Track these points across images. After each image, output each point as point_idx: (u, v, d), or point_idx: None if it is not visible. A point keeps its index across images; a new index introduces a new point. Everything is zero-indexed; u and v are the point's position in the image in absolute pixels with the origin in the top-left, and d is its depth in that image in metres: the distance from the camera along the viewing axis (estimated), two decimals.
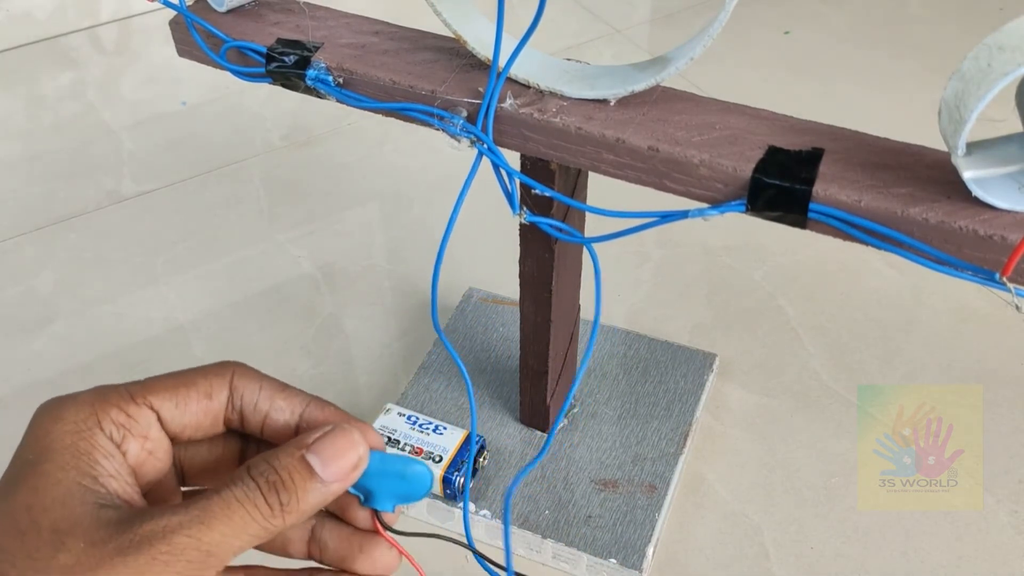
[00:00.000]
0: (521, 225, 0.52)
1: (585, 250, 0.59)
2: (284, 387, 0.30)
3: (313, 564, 0.33)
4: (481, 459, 0.62)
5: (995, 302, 0.77)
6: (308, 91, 0.49)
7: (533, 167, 0.48)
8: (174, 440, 0.30)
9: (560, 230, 0.49)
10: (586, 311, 0.66)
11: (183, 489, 0.32)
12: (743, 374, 0.72)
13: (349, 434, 0.28)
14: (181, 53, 0.53)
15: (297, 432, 0.30)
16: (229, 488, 0.27)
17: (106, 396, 0.28)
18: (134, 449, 0.28)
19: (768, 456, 0.67)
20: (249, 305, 0.79)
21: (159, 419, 0.29)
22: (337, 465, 0.28)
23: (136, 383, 0.29)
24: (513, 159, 0.47)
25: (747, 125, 0.43)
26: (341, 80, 0.48)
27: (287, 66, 0.48)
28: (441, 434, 0.62)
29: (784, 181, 0.39)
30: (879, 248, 0.38)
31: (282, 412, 0.30)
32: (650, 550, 0.59)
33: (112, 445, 0.28)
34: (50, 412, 0.29)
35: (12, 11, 1.10)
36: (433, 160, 0.94)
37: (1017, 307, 0.36)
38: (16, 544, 0.25)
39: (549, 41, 1.09)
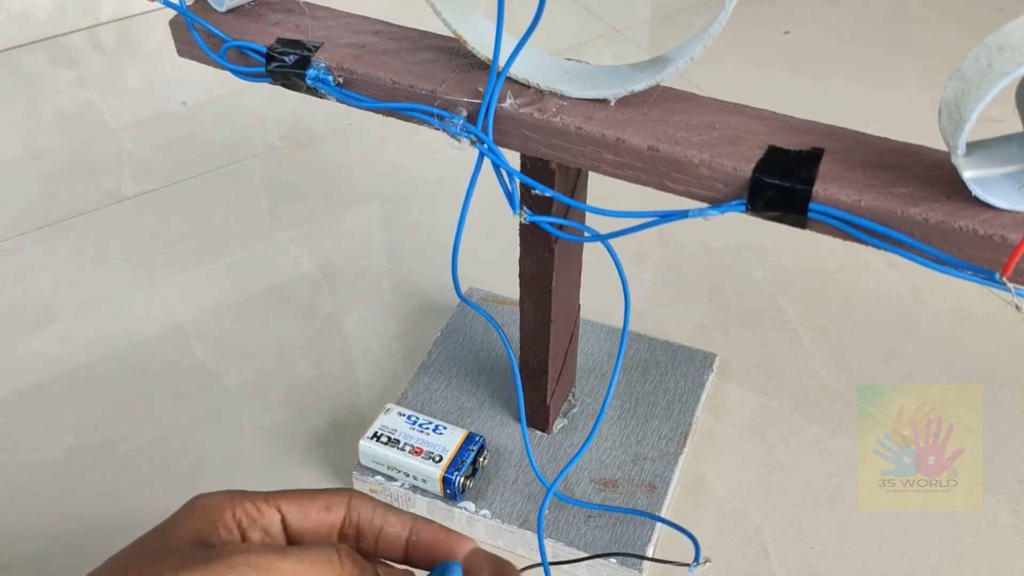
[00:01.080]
0: (521, 225, 0.52)
1: (585, 250, 0.60)
2: (395, 508, 0.34)
3: None
4: (481, 459, 0.62)
5: (995, 302, 0.77)
6: (308, 91, 0.49)
7: (533, 167, 0.48)
8: (290, 542, 0.33)
9: (560, 227, 0.49)
10: (586, 311, 0.66)
11: None
12: (743, 374, 0.72)
13: None
14: (181, 53, 0.53)
15: (407, 546, 0.34)
16: (321, 545, 0.31)
17: (243, 493, 0.33)
18: (255, 537, 0.32)
19: (768, 456, 0.67)
20: (249, 305, 0.80)
21: (283, 520, 0.33)
22: None
23: (269, 492, 0.33)
24: (513, 159, 0.47)
25: (747, 125, 0.43)
26: (341, 80, 0.48)
27: (287, 66, 0.48)
28: (441, 434, 0.62)
29: (784, 181, 0.39)
30: (879, 248, 0.38)
31: (394, 527, 0.34)
32: (650, 550, 0.59)
33: (236, 528, 0.32)
34: (196, 496, 0.33)
35: (12, 11, 1.10)
36: (433, 160, 0.94)
37: (1017, 307, 0.36)
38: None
39: (549, 41, 1.09)
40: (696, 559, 0.58)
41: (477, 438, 0.62)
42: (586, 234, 0.49)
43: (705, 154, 0.41)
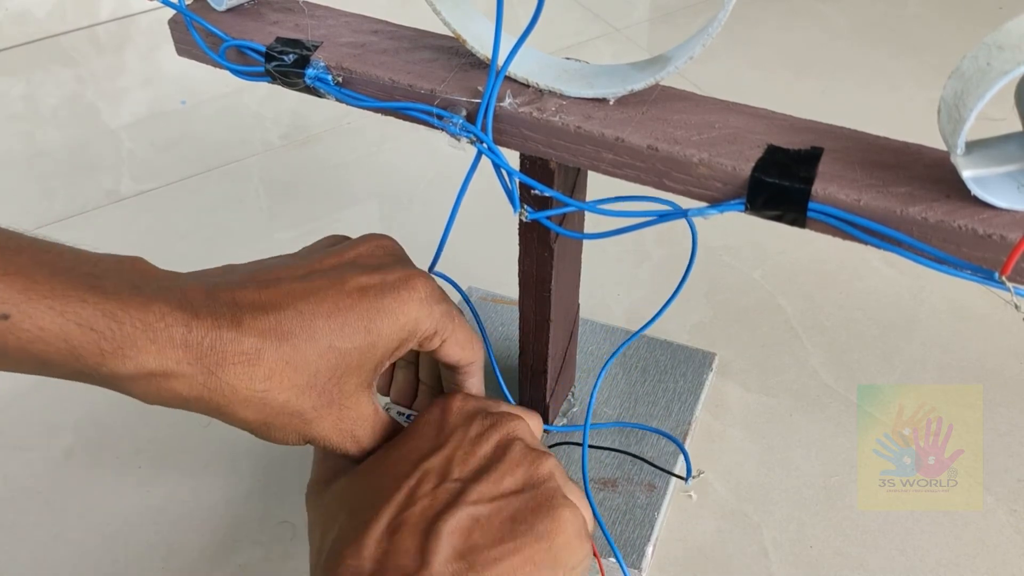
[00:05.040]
0: (521, 223, 0.52)
1: (585, 250, 0.60)
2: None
3: None
4: None
5: (994, 302, 0.77)
6: (307, 90, 0.49)
7: (532, 166, 0.48)
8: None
9: (561, 223, 0.49)
10: (586, 310, 0.66)
11: None
12: (742, 373, 0.72)
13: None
14: (180, 52, 0.53)
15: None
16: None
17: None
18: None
19: (768, 455, 0.67)
20: None
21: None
22: None
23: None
24: (513, 158, 0.47)
25: (746, 124, 0.43)
26: (340, 79, 0.48)
27: (286, 65, 0.48)
28: None
29: (783, 180, 0.39)
30: (878, 247, 0.38)
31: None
32: (649, 549, 0.59)
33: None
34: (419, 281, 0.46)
35: (11, 9, 1.10)
36: (432, 159, 0.94)
37: (1016, 306, 0.36)
38: None
39: (548, 40, 1.09)
40: (688, 473, 0.62)
41: None
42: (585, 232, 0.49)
43: (704, 153, 0.41)
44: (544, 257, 0.54)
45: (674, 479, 0.63)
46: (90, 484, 0.66)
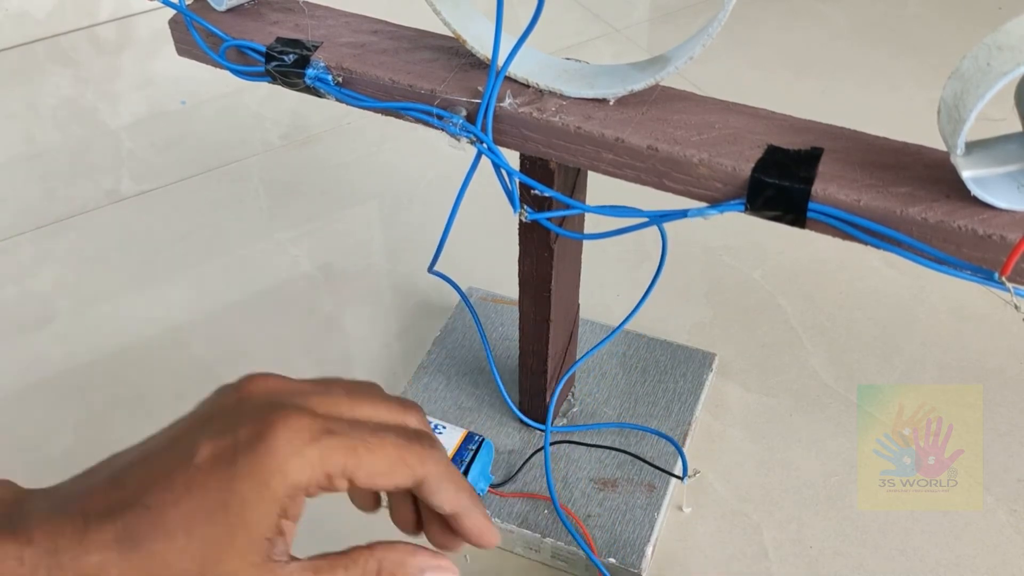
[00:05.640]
0: (521, 224, 0.52)
1: (584, 250, 0.60)
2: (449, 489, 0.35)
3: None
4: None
5: (994, 302, 0.77)
6: (307, 90, 0.49)
7: (532, 166, 0.48)
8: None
9: (561, 223, 0.49)
10: (585, 310, 0.66)
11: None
12: (742, 373, 0.72)
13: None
14: (180, 52, 0.53)
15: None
16: (342, 557, 0.32)
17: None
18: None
19: (768, 455, 0.67)
20: (249, 305, 0.79)
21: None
22: None
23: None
24: (512, 158, 0.47)
25: (746, 124, 0.43)
26: (340, 79, 0.48)
27: (286, 65, 0.48)
28: (440, 433, 0.62)
29: (783, 180, 0.39)
30: (878, 247, 0.38)
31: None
32: (649, 549, 0.59)
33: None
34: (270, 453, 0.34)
35: (10, 10, 1.10)
36: (432, 159, 0.93)
37: (1016, 306, 0.36)
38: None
39: (548, 40, 1.09)
40: (684, 472, 0.61)
41: (476, 437, 0.62)
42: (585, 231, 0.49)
43: (704, 153, 0.41)
44: (544, 257, 0.54)
45: (674, 480, 0.63)
46: None
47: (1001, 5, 1.14)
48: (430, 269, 0.57)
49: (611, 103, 0.44)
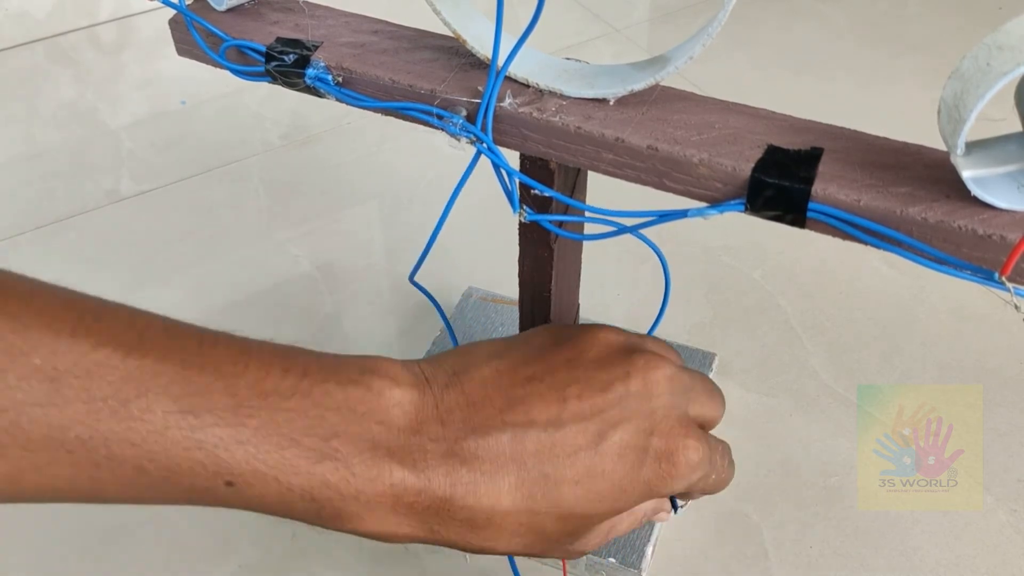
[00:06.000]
0: (520, 224, 0.52)
1: (584, 250, 0.60)
2: None
3: None
4: None
5: (994, 302, 0.77)
6: (307, 90, 0.49)
7: (532, 166, 0.48)
8: None
9: (560, 225, 0.49)
10: (585, 310, 0.66)
11: None
12: (742, 373, 0.72)
13: None
14: (180, 52, 0.53)
15: None
16: None
17: None
18: None
19: (767, 455, 0.67)
20: (249, 305, 0.79)
21: None
22: None
23: None
24: (512, 158, 0.47)
25: (746, 124, 0.43)
26: (340, 79, 0.48)
27: (286, 65, 0.48)
28: None
29: (783, 180, 0.39)
30: (878, 247, 0.38)
31: None
32: (649, 549, 0.59)
33: None
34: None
35: (10, 10, 1.10)
36: (433, 159, 0.93)
37: (1016, 307, 0.36)
38: None
39: (548, 40, 1.09)
40: (675, 505, 0.60)
41: None
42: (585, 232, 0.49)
43: (704, 153, 0.41)
44: (544, 257, 0.54)
45: None
46: None
47: (1001, 5, 1.14)
48: (411, 278, 0.57)
49: (611, 103, 0.44)
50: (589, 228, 0.53)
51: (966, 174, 0.36)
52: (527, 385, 0.35)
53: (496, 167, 0.46)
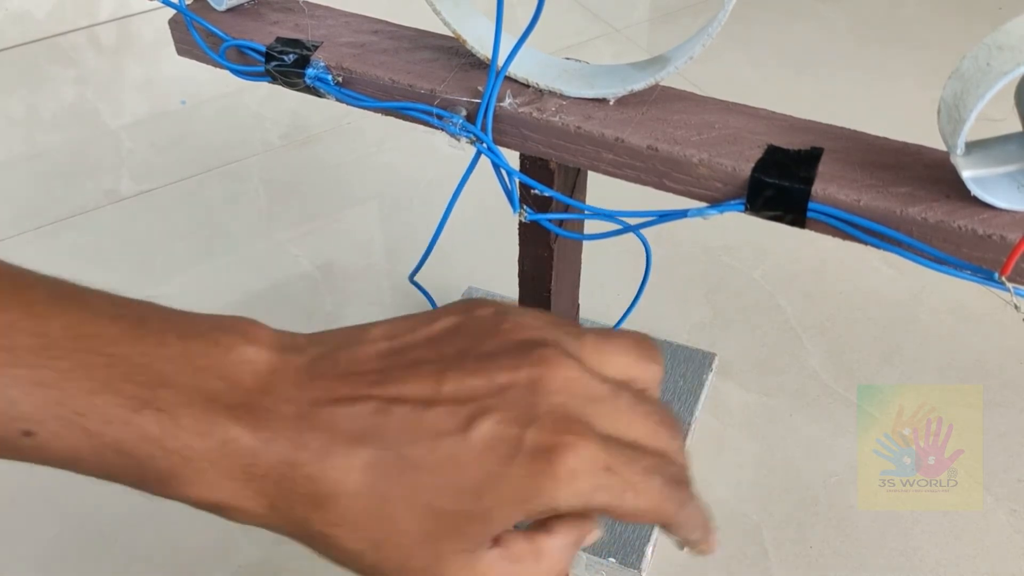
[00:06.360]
0: (520, 224, 0.52)
1: (584, 250, 0.60)
2: None
3: None
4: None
5: (994, 302, 0.77)
6: (307, 90, 0.49)
7: (532, 166, 0.48)
8: None
9: (560, 224, 0.49)
10: (585, 310, 0.66)
11: None
12: (742, 373, 0.72)
13: None
14: (180, 52, 0.53)
15: None
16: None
17: None
18: None
19: (768, 456, 0.67)
20: (249, 304, 0.79)
21: None
22: None
23: None
24: (512, 158, 0.47)
25: (746, 124, 0.43)
26: (340, 79, 0.48)
27: (286, 65, 0.48)
28: None
29: (783, 180, 0.39)
30: (878, 247, 0.38)
31: None
32: (649, 549, 0.59)
33: None
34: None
35: (11, 10, 1.10)
36: (432, 159, 0.93)
37: (1016, 306, 0.36)
38: None
39: (548, 40, 1.09)
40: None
41: None
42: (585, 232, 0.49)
43: (704, 153, 0.41)
44: (544, 257, 0.54)
45: None
46: (90, 484, 0.65)
47: (1001, 5, 1.14)
48: (411, 278, 0.57)
49: (611, 103, 0.44)
50: (589, 228, 0.53)
51: (966, 174, 0.36)
52: (410, 367, 0.31)
53: (496, 167, 0.46)
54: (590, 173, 0.49)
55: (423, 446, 0.29)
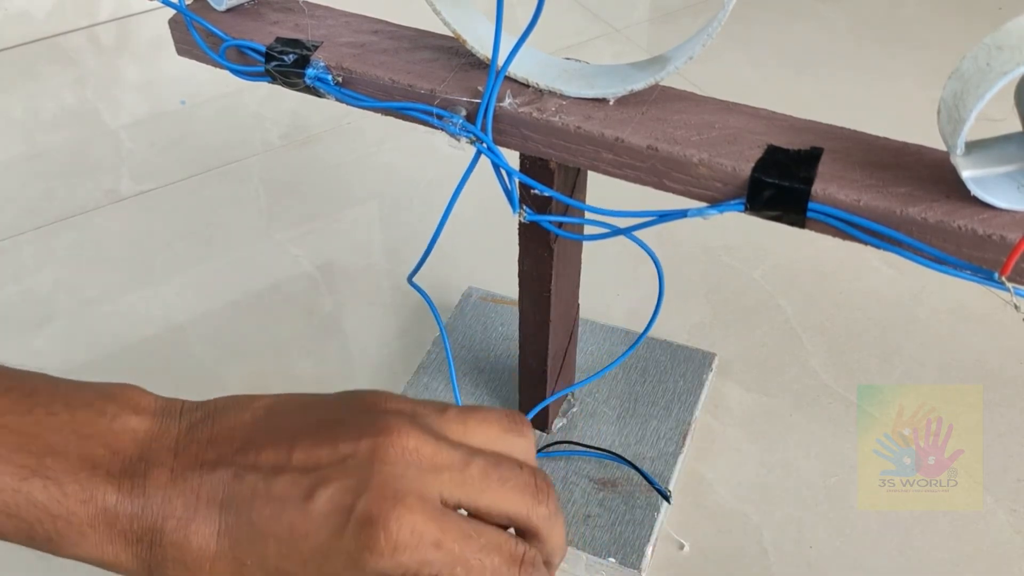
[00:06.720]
0: (520, 224, 0.52)
1: (584, 250, 0.60)
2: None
3: None
4: None
5: (994, 302, 0.77)
6: (307, 90, 0.49)
7: (532, 166, 0.48)
8: None
9: (560, 225, 0.49)
10: (585, 310, 0.66)
11: None
12: (742, 373, 0.72)
13: None
14: (180, 52, 0.53)
15: None
16: None
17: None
18: None
19: (767, 455, 0.67)
20: (249, 304, 0.79)
21: None
22: None
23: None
24: (512, 158, 0.47)
25: (746, 124, 0.43)
26: (340, 79, 0.48)
27: (286, 65, 0.48)
28: None
29: (783, 180, 0.39)
30: (878, 247, 0.38)
31: None
32: (649, 549, 0.59)
33: None
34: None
35: (10, 10, 1.10)
36: (432, 159, 0.93)
37: (1016, 307, 0.36)
38: None
39: (548, 40, 1.09)
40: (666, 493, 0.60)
41: None
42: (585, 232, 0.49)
43: (704, 153, 0.41)
44: (544, 257, 0.54)
45: (674, 478, 0.63)
46: None
47: (1001, 5, 1.14)
48: (409, 279, 0.57)
49: (611, 103, 0.44)
50: (589, 228, 0.53)
51: (966, 174, 0.36)
52: (271, 433, 0.32)
53: (496, 167, 0.46)
54: (590, 173, 0.49)
55: (269, 513, 0.30)
